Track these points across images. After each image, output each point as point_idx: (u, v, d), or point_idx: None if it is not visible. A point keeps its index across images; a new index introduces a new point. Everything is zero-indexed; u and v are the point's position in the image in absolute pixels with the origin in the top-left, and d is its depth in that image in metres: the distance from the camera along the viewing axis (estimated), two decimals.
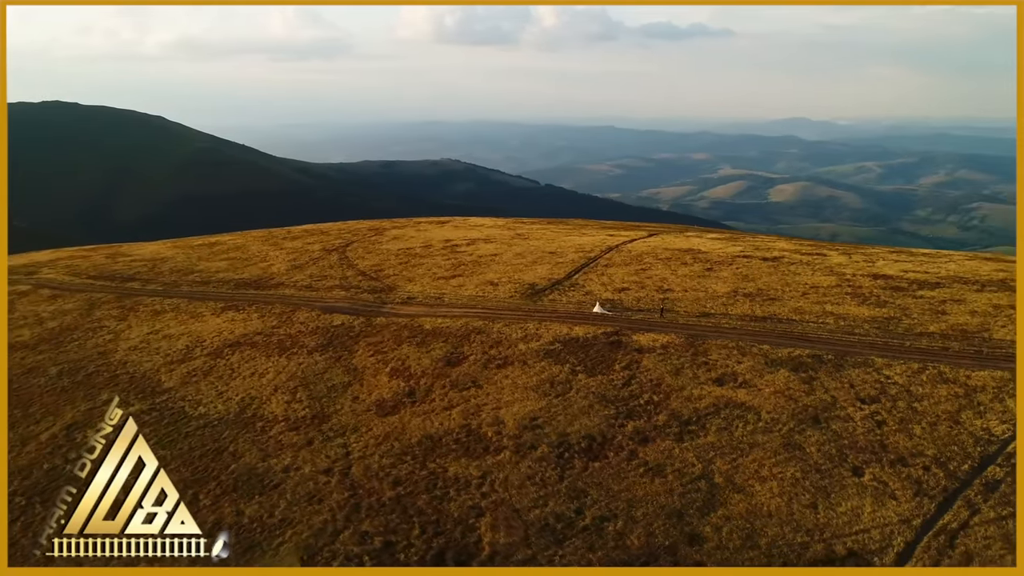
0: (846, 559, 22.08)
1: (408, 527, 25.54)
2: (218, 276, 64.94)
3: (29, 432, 35.47)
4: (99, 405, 37.46)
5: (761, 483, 26.00)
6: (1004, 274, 48.75)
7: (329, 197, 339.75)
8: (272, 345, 44.66)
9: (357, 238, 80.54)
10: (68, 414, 37.16)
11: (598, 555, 23.34)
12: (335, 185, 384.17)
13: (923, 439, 27.59)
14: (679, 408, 31.55)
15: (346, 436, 32.29)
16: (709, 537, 23.58)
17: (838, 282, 48.00)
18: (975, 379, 31.50)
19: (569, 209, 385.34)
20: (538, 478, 27.62)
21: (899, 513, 23.78)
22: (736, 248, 63.06)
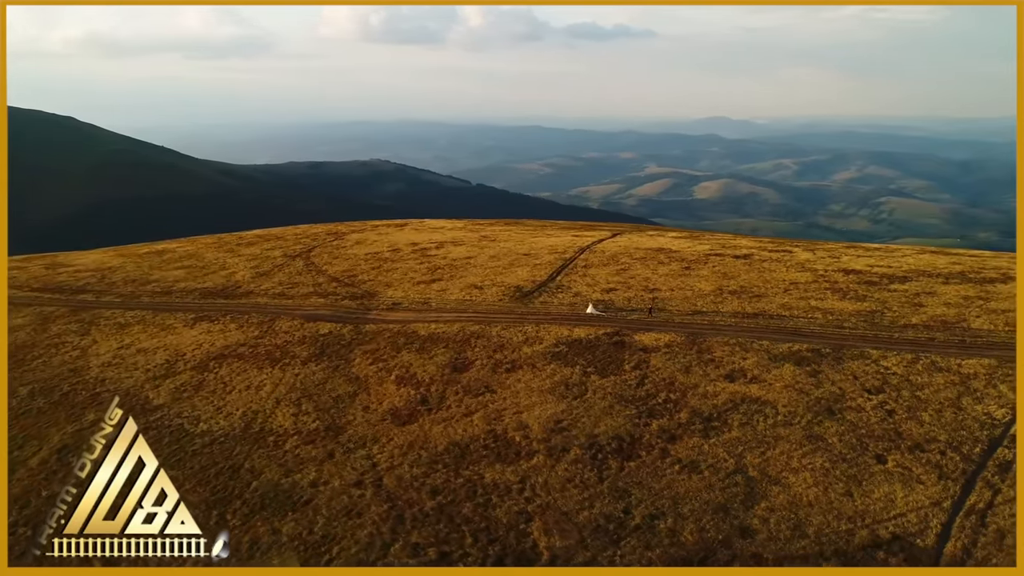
0: (891, 543, 23.31)
1: (459, 536, 25.36)
2: (179, 286, 62.31)
3: (15, 458, 33.20)
4: (87, 426, 35.44)
5: (794, 474, 27.10)
6: (960, 267, 52.25)
7: (256, 199, 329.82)
8: (260, 356, 43.27)
9: (318, 243, 78.71)
10: (55, 437, 35.00)
11: (656, 553, 23.83)
12: (261, 187, 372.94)
13: (933, 425, 29.37)
14: (698, 405, 32.45)
15: (368, 447, 31.69)
16: (759, 529, 24.43)
17: (814, 278, 50.33)
18: (966, 367, 33.73)
19: (503, 208, 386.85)
20: (578, 480, 27.90)
21: (929, 497, 25.27)
22: (705, 247, 65.06)
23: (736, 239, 75.28)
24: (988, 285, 46.00)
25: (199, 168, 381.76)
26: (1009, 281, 46.52)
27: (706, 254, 60.47)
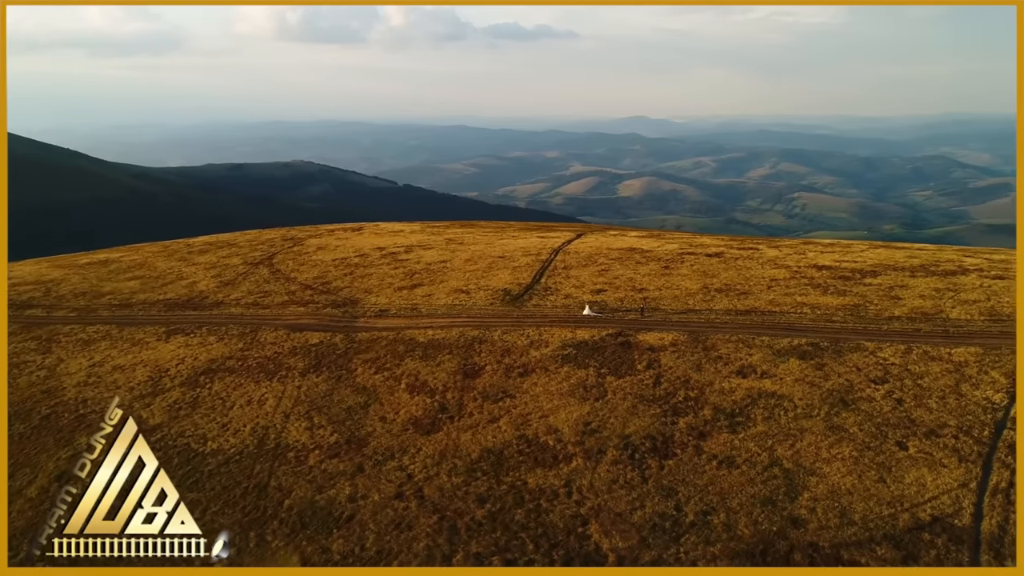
0: (932, 524, 24.72)
1: (519, 543, 25.29)
2: (138, 298, 59.29)
3: (9, 488, 30.88)
4: (80, 452, 33.23)
5: (827, 464, 28.33)
6: (917, 260, 55.75)
7: (175, 204, 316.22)
8: (253, 369, 41.75)
9: (276, 249, 76.35)
10: (48, 464, 32.80)
11: (717, 548, 24.47)
12: (180, 191, 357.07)
13: (941, 412, 31.29)
14: (719, 402, 33.42)
15: (397, 458, 31.11)
16: (808, 519, 25.43)
17: (791, 274, 52.58)
18: (956, 355, 36.06)
19: (432, 209, 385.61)
20: (622, 481, 28.28)
21: (955, 479, 26.92)
22: (674, 246, 66.82)
23: (700, 238, 77.67)
24: (951, 277, 49.26)
25: (109, 171, 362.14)
26: (970, 273, 49.98)
27: (679, 253, 62.17)
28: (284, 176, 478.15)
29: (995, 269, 51.16)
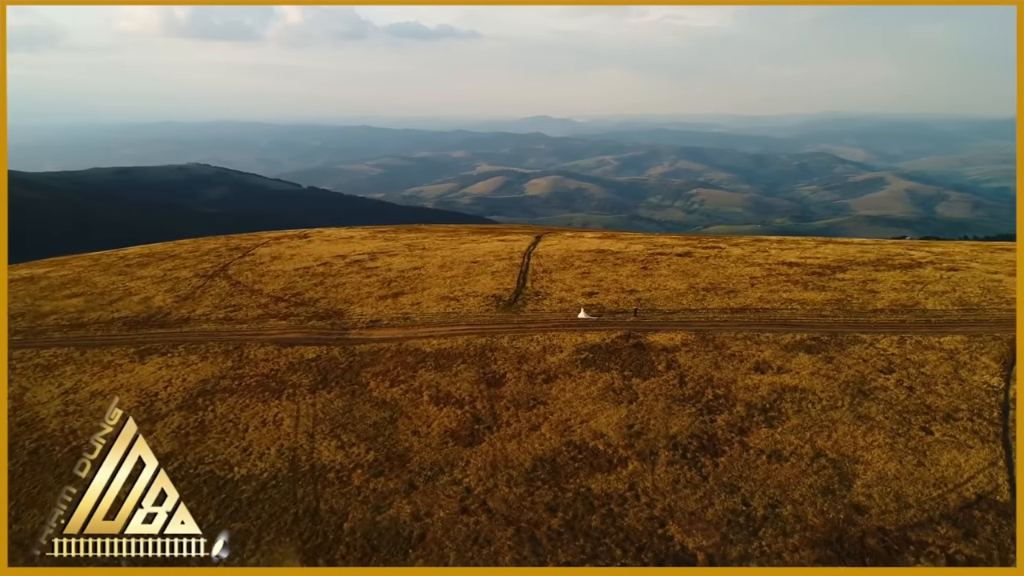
0: (979, 502, 26.74)
1: (605, 549, 25.40)
2: (89, 317, 55.14)
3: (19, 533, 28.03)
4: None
5: (867, 452, 30.02)
6: (871, 255, 59.81)
7: (63, 212, 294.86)
8: (254, 388, 39.77)
9: (225, 260, 72.68)
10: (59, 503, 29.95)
11: (795, 539, 25.44)
12: (65, 197, 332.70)
13: (950, 397, 33.82)
14: (748, 398, 34.71)
15: (448, 472, 30.47)
16: (869, 505, 26.88)
17: (766, 272, 55.15)
18: (946, 344, 39.04)
19: (339, 211, 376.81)
20: (683, 481, 28.91)
21: (984, 459, 29.19)
22: (639, 246, 68.58)
23: (659, 237, 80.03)
24: (912, 271, 53.23)
25: None
26: (925, 266, 54.17)
27: (650, 254, 63.88)
28: (179, 180, 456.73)
29: (944, 261, 55.65)
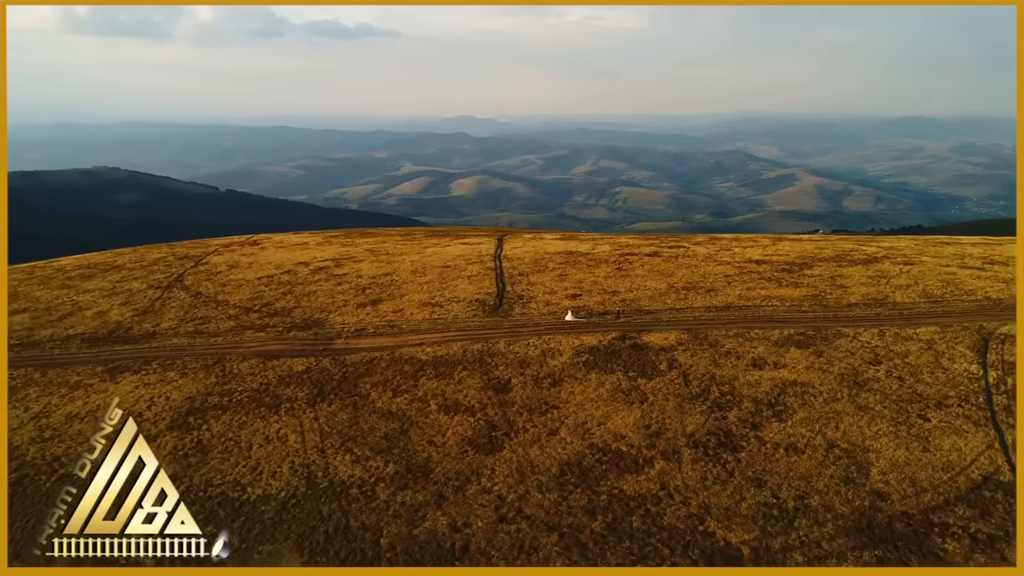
0: (986, 482, 28.53)
1: (652, 549, 25.71)
2: (40, 334, 51.61)
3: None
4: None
5: (875, 441, 31.53)
6: (830, 251, 62.76)
7: None
8: (247, 404, 38.19)
9: (178, 269, 69.33)
10: None
11: (828, 528, 26.47)
12: None
13: (937, 385, 35.92)
14: (752, 394, 35.84)
15: (475, 481, 30.13)
16: (889, 491, 28.24)
17: (738, 270, 57.00)
18: (922, 335, 41.41)
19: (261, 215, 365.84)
20: (711, 478, 29.59)
21: (981, 442, 31.12)
22: (607, 247, 69.61)
23: (621, 238, 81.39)
24: (872, 265, 56.18)
25: None
26: (882, 261, 57.27)
27: (620, 255, 64.93)
28: (87, 185, 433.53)
29: (897, 256, 59.05)
